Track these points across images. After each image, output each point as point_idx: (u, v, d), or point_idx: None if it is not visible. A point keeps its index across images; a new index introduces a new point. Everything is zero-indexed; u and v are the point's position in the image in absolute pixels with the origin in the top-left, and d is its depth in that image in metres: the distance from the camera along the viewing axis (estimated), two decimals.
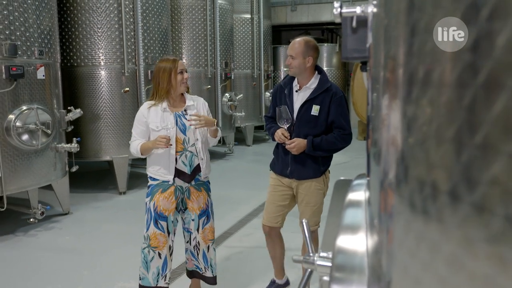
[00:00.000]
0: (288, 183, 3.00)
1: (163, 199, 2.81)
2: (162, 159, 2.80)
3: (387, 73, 0.53)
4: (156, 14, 6.29)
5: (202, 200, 2.96)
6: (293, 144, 2.81)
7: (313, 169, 2.91)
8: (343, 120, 2.84)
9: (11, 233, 4.52)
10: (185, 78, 2.84)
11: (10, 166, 4.28)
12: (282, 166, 2.98)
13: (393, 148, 0.46)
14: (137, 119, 2.85)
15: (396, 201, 0.46)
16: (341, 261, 0.68)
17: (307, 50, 2.79)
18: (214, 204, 3.10)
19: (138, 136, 2.83)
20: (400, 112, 0.45)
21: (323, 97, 2.80)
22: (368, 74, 0.68)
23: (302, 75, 2.85)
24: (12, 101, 4.27)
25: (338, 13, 0.80)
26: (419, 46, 0.42)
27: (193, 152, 2.83)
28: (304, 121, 2.84)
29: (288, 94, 2.91)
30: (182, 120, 2.83)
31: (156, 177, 2.84)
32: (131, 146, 2.85)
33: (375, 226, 0.57)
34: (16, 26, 4.25)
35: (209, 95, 7.98)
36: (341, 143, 2.84)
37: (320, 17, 12.17)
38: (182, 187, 2.87)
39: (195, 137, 2.84)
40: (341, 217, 0.76)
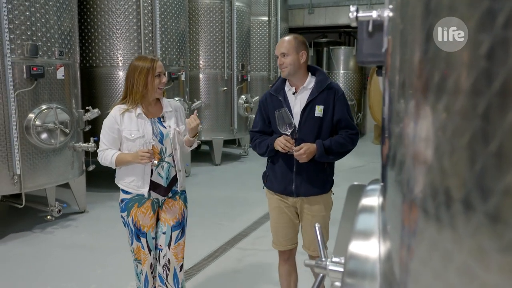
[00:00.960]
0: (293, 203, 2.63)
1: (140, 214, 2.54)
2: (136, 170, 2.49)
3: (403, 78, 0.52)
4: (174, 15, 6.34)
5: (177, 209, 2.63)
6: (302, 149, 2.42)
7: (321, 182, 2.58)
8: (350, 118, 2.58)
9: (29, 230, 4.60)
10: (163, 82, 2.51)
11: (29, 164, 4.37)
12: (285, 183, 2.59)
13: (417, 160, 0.45)
14: (107, 125, 2.50)
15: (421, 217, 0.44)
16: (353, 267, 0.67)
17: (299, 44, 2.51)
18: (228, 206, 3.01)
19: (109, 145, 2.50)
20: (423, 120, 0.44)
21: (326, 96, 2.52)
22: (384, 79, 0.68)
23: (297, 74, 2.53)
24: (32, 100, 4.36)
25: (354, 17, 0.79)
26: (434, 52, 0.41)
27: (170, 162, 2.55)
28: (308, 125, 2.52)
29: (283, 100, 2.56)
30: (159, 128, 2.52)
31: (129, 190, 2.53)
32: (101, 156, 2.51)
33: (392, 237, 0.56)
34: (37, 27, 4.34)
35: (225, 96, 8.01)
36: (350, 144, 2.55)
37: (337, 20, 12.11)
38: (158, 200, 2.59)
39: (174, 146, 2.55)
40: (354, 222, 0.76)
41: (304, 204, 2.62)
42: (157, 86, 2.48)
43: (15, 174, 4.23)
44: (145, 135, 2.47)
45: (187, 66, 6.87)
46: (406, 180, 0.50)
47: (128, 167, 2.51)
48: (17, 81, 4.19)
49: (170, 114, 2.59)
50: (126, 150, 2.49)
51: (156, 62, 2.48)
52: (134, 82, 2.46)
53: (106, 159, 2.50)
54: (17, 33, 4.16)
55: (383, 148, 0.75)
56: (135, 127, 2.46)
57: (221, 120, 8.00)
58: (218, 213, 5.19)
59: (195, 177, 7.06)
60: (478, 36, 0.33)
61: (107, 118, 2.52)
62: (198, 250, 4.00)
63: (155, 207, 2.59)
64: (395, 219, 0.55)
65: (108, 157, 2.48)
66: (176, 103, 2.71)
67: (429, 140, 0.42)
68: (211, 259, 3.87)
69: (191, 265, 3.70)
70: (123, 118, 2.47)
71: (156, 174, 2.53)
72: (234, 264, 3.78)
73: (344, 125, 2.55)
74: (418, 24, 0.47)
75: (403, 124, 0.52)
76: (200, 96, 7.77)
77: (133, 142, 2.46)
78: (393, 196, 0.58)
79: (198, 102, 7.46)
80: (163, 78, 2.51)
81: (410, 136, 0.49)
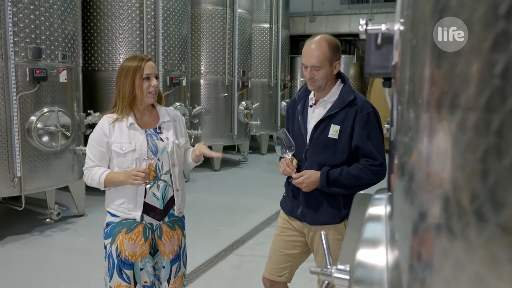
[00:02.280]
0: (299, 228, 2.30)
1: (128, 241, 2.17)
2: (127, 191, 2.15)
3: (414, 93, 0.54)
4: (177, 21, 6.38)
5: (176, 241, 2.32)
6: (301, 178, 2.11)
7: (331, 212, 2.18)
8: (373, 145, 2.09)
9: (28, 233, 4.59)
10: (153, 86, 2.14)
11: (29, 167, 4.37)
12: (292, 205, 2.29)
13: (429, 172, 0.46)
14: (94, 138, 2.15)
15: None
16: (361, 275, 0.69)
17: (333, 53, 2.09)
18: (227, 212, 2.89)
19: (97, 161, 2.15)
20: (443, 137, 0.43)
21: (346, 114, 2.09)
22: (394, 93, 0.69)
23: (327, 87, 2.16)
24: (34, 103, 4.37)
25: (364, 29, 0.81)
26: (448, 68, 0.43)
27: (167, 181, 2.20)
28: (319, 147, 2.14)
29: (301, 110, 2.22)
30: (154, 141, 2.18)
31: (117, 214, 2.19)
32: (87, 175, 2.16)
33: (400, 246, 0.58)
34: (41, 30, 4.36)
35: (226, 102, 8.04)
36: (369, 177, 2.08)
37: (338, 28, 12.19)
38: (152, 224, 2.22)
39: (171, 162, 2.20)
40: (361, 231, 0.77)
41: (311, 234, 2.27)
42: (147, 91, 2.12)
43: (15, 176, 4.24)
44: (138, 149, 2.12)
45: (188, 72, 6.90)
46: (415, 191, 0.52)
47: (117, 189, 2.16)
48: (20, 84, 4.21)
49: (168, 125, 2.25)
50: (116, 166, 2.15)
51: (145, 61, 2.12)
52: (121, 86, 2.13)
53: (93, 179, 2.14)
54: (21, 36, 4.19)
55: (390, 158, 0.77)
56: (126, 139, 2.12)
57: (221, 126, 8.01)
58: (217, 218, 5.19)
59: (194, 183, 7.07)
60: (493, 56, 0.35)
61: (94, 130, 2.18)
62: (196, 256, 4.00)
63: (147, 233, 2.21)
64: (404, 228, 0.57)
65: (96, 177, 2.12)
66: (175, 112, 2.37)
67: (441, 153, 0.44)
68: (209, 265, 3.87)
69: (189, 271, 3.69)
70: (113, 129, 2.13)
71: (151, 195, 2.17)
72: (233, 270, 3.78)
73: (363, 153, 2.10)
74: (430, 40, 0.48)
75: (414, 136, 0.54)
76: (201, 101, 7.80)
77: (124, 157, 2.12)
78: (401, 206, 0.60)
79: (199, 107, 7.48)
80: (154, 81, 2.14)
81: (419, 148, 0.51)
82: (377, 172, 2.08)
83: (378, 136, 2.11)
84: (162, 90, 6.14)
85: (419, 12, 0.52)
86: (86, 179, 2.19)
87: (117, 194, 2.18)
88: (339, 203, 2.17)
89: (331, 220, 2.19)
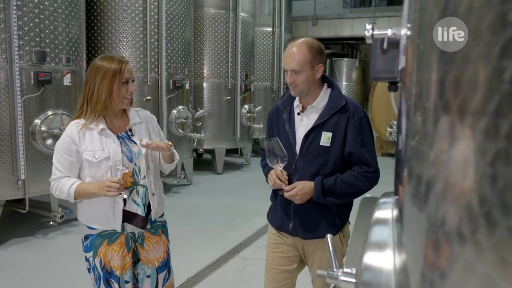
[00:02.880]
0: (292, 242, 2.18)
1: (112, 253, 2.04)
2: (103, 201, 1.99)
3: (422, 97, 0.55)
4: (180, 25, 6.41)
5: (162, 247, 2.17)
6: (294, 190, 1.96)
7: (325, 224, 2.07)
8: (366, 151, 2.00)
9: (31, 235, 4.60)
10: (131, 91, 2.00)
11: (33, 169, 4.39)
12: (282, 218, 2.15)
13: (438, 176, 0.46)
14: (61, 146, 1.98)
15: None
16: (368, 278, 0.69)
17: (315, 56, 1.98)
18: (230, 215, 2.71)
19: (65, 171, 1.97)
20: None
21: (337, 120, 1.99)
22: (401, 96, 0.70)
23: (310, 92, 2.04)
24: (38, 106, 4.39)
25: (370, 34, 0.82)
26: (456, 73, 0.44)
27: (146, 185, 2.07)
28: (310, 156, 2.02)
29: (288, 119, 2.09)
30: (127, 145, 2.03)
31: (94, 226, 2.05)
32: (55, 187, 1.98)
33: (408, 249, 0.58)
34: (46, 34, 4.38)
35: (229, 106, 8.05)
36: (363, 184, 2.00)
37: (340, 32, 12.21)
38: (134, 233, 2.10)
39: (146, 165, 2.06)
40: (367, 234, 0.77)
41: (305, 246, 2.16)
42: (124, 96, 1.98)
43: (19, 179, 4.25)
44: (112, 156, 1.97)
45: (191, 75, 6.92)
46: (424, 195, 0.52)
47: (91, 200, 2.01)
48: (24, 87, 4.23)
49: (139, 127, 2.11)
50: (89, 177, 1.98)
51: (125, 64, 1.97)
52: (95, 88, 1.94)
53: (62, 191, 1.96)
54: (26, 39, 4.21)
55: (397, 162, 0.77)
56: (98, 146, 1.96)
57: (224, 129, 8.02)
58: (220, 222, 5.19)
59: (197, 186, 7.07)
60: (502, 62, 0.35)
61: (61, 138, 2.00)
62: (200, 259, 4.01)
63: (130, 243, 2.08)
64: (412, 232, 0.57)
65: (65, 188, 1.95)
66: (146, 113, 2.21)
67: (449, 157, 0.44)
68: (213, 268, 3.87)
69: (192, 274, 3.70)
70: (83, 136, 1.96)
71: (131, 202, 2.04)
72: (236, 274, 3.78)
73: (356, 159, 2.00)
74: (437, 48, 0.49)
75: (423, 141, 0.54)
76: (204, 105, 7.81)
77: (97, 166, 1.96)
78: (410, 210, 0.60)
79: (202, 111, 7.49)
80: (132, 86, 2.00)
81: (428, 153, 0.51)
82: (371, 178, 2.01)
83: (371, 141, 2.05)
84: (165, 93, 6.16)
85: (427, 17, 0.53)
86: (54, 191, 2.00)
87: (91, 205, 2.02)
88: (333, 214, 2.07)
89: (325, 232, 1.97)
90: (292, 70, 1.98)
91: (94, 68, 1.96)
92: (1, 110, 4.12)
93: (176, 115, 6.39)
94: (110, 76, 1.93)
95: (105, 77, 1.93)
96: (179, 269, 3.79)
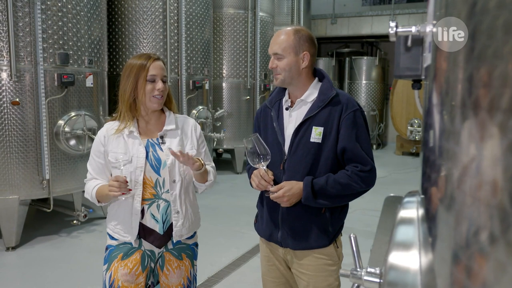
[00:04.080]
0: (282, 255, 1.96)
1: (124, 270, 1.86)
2: (121, 209, 1.87)
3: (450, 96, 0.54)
4: (199, 25, 6.45)
5: (183, 272, 1.98)
6: (281, 191, 1.75)
7: (317, 232, 1.84)
8: (362, 147, 1.80)
9: (56, 234, 4.70)
10: (158, 89, 1.84)
11: (57, 169, 4.48)
12: (270, 228, 1.94)
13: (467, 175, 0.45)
14: (93, 148, 1.93)
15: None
16: (393, 278, 0.68)
17: (299, 42, 1.81)
18: (250, 214, 2.83)
19: (95, 173, 1.91)
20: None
21: (329, 113, 1.80)
22: (427, 93, 0.69)
23: (295, 82, 1.85)
24: (62, 107, 4.48)
25: (394, 32, 0.81)
26: (487, 71, 0.43)
27: (169, 200, 1.88)
28: (300, 154, 1.81)
29: (276, 116, 1.90)
30: (156, 152, 1.88)
31: (114, 236, 1.92)
32: (85, 189, 1.94)
33: (438, 250, 0.57)
34: (69, 36, 4.47)
35: (248, 105, 8.07)
36: (359, 185, 1.78)
37: (360, 30, 12.09)
38: (153, 252, 1.92)
39: (171, 177, 1.87)
40: (392, 234, 0.77)
41: (295, 259, 1.90)
42: (151, 94, 1.83)
43: (44, 179, 4.35)
44: (134, 160, 1.82)
45: (211, 75, 6.97)
46: (453, 194, 0.52)
47: (114, 206, 1.91)
48: (48, 89, 4.32)
49: (173, 133, 1.93)
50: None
51: (151, 60, 1.83)
52: (122, 87, 1.85)
53: (88, 192, 1.90)
54: (50, 42, 4.30)
55: (424, 161, 0.76)
56: (122, 149, 1.84)
57: (243, 128, 8.04)
58: (240, 221, 5.21)
59: (217, 185, 7.11)
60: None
61: (95, 139, 1.94)
62: (220, 258, 4.03)
63: (146, 262, 1.90)
64: (441, 232, 0.56)
65: (89, 190, 1.89)
66: (187, 120, 2.03)
67: (480, 156, 0.43)
68: (233, 267, 3.89)
69: (213, 273, 3.72)
70: (111, 138, 1.87)
71: (149, 216, 1.85)
72: (257, 273, 3.78)
73: (350, 157, 1.80)
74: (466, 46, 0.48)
75: (452, 139, 0.53)
76: (223, 104, 7.85)
77: (118, 169, 1.82)
78: (439, 209, 0.59)
79: (222, 111, 7.53)
80: (159, 84, 1.83)
81: (459, 152, 0.50)
82: (367, 178, 1.79)
83: (366, 137, 1.83)
84: (185, 93, 6.21)
85: (455, 13, 0.52)
86: (85, 193, 1.95)
87: (113, 213, 1.91)
88: (326, 221, 1.84)
89: (317, 242, 1.84)
90: (274, 54, 1.82)
91: (125, 67, 1.88)
92: (27, 112, 4.22)
93: (196, 115, 6.44)
94: (135, 72, 1.82)
95: (131, 74, 1.83)
96: (200, 268, 3.82)
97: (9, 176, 4.17)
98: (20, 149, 4.21)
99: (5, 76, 4.09)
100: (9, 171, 4.16)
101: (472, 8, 0.46)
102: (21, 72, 4.15)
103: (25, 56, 4.17)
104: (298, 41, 1.80)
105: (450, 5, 0.55)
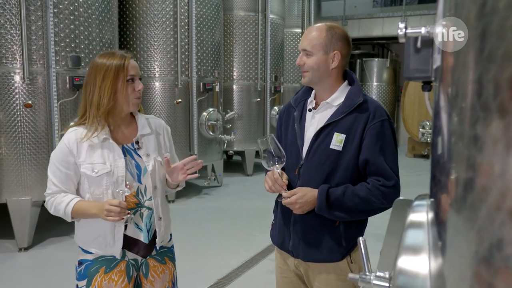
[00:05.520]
0: (294, 264, 1.84)
1: (109, 283, 1.75)
2: (101, 222, 1.69)
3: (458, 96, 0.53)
4: (210, 28, 6.48)
5: (167, 276, 1.90)
6: (293, 197, 1.65)
7: (329, 245, 1.72)
8: (386, 161, 1.66)
9: (67, 235, 4.74)
10: (139, 90, 1.72)
11: None
12: (283, 235, 1.83)
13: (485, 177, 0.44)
14: (57, 157, 1.71)
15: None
16: (403, 283, 0.67)
17: (331, 39, 1.67)
18: (260, 216, 2.67)
19: (62, 185, 1.70)
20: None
21: (353, 120, 1.67)
22: (437, 95, 0.68)
23: (323, 83, 1.73)
24: (73, 109, 4.52)
25: (403, 33, 0.80)
26: (496, 72, 0.42)
27: (152, 208, 1.78)
28: (318, 161, 1.69)
29: (299, 117, 1.79)
30: (134, 159, 1.75)
31: (90, 250, 1.77)
32: (50, 203, 1.72)
33: (449, 255, 0.56)
34: (81, 39, 4.52)
35: (258, 108, 8.08)
36: (379, 201, 1.64)
37: (371, 32, 12.03)
38: (137, 260, 1.82)
39: (153, 184, 1.77)
40: (401, 237, 0.76)
41: (309, 272, 1.80)
42: (133, 96, 1.70)
43: None
44: (114, 171, 1.68)
45: (221, 78, 6.99)
46: (473, 204, 0.51)
47: (88, 219, 1.74)
48: (60, 91, 4.37)
49: (148, 138, 1.80)
50: (88, 194, 1.71)
51: (128, 59, 1.68)
52: (96, 90, 1.65)
53: (58, 209, 1.70)
54: (62, 45, 4.35)
55: (434, 164, 0.75)
56: (99, 159, 1.68)
57: (254, 131, 8.05)
58: (250, 223, 5.21)
59: (227, 187, 7.12)
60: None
61: (57, 147, 1.74)
62: (230, 261, 4.03)
63: (131, 271, 1.80)
64: (456, 241, 0.56)
65: (61, 206, 1.69)
66: (158, 121, 1.90)
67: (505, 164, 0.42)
68: (243, 270, 3.88)
69: (223, 275, 3.72)
70: (81, 146, 1.68)
71: (133, 226, 1.75)
72: (266, 275, 3.77)
73: (373, 170, 1.66)
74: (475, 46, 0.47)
75: (471, 144, 0.52)
76: (234, 107, 7.87)
77: (97, 182, 1.68)
78: (454, 218, 0.58)
79: (232, 113, 7.55)
80: (139, 84, 1.71)
81: (479, 158, 0.49)
82: (389, 195, 1.64)
83: (393, 150, 1.69)
84: (196, 96, 6.24)
85: (464, 14, 0.51)
86: (49, 208, 1.74)
87: (89, 226, 1.75)
88: (339, 234, 1.72)
89: (329, 256, 1.73)
90: (303, 50, 1.71)
91: (93, 67, 1.67)
92: (39, 114, 4.27)
93: (207, 117, 6.46)
94: (112, 74, 1.64)
95: (107, 75, 1.64)
96: (209, 270, 3.82)
97: (22, 178, 4.22)
98: (32, 150, 4.26)
99: (18, 79, 4.14)
100: (22, 173, 4.21)
101: (481, 9, 0.45)
102: (33, 75, 4.21)
103: (38, 59, 4.22)
104: (330, 39, 1.68)
105: (459, 6, 0.54)
